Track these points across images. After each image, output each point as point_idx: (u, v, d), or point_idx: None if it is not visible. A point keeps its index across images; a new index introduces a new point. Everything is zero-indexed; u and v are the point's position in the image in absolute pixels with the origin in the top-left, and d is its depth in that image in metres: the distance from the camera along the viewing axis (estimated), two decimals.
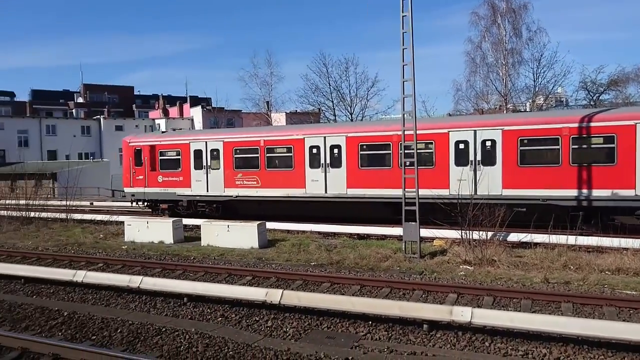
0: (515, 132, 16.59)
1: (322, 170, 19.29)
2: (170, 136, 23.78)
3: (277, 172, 20.24)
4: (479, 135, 16.98)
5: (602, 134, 15.43)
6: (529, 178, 16.33)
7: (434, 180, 17.00)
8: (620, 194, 15.11)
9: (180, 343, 7.86)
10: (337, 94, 43.63)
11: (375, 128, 19.51)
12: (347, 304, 8.64)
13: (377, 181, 18.42)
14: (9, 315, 9.65)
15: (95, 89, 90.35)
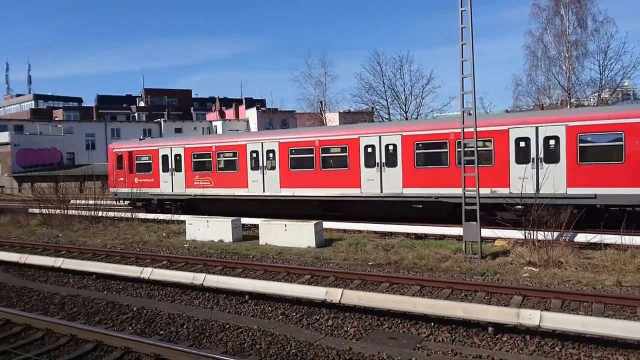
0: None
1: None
2: (145, 143, 26.63)
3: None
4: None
5: (481, 138, 15.61)
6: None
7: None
8: (498, 192, 16.52)
9: (244, 340, 8.03)
10: (391, 92, 43.21)
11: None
12: (408, 305, 8.52)
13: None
14: (83, 309, 10.19)
15: (155, 93, 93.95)
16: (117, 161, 26.73)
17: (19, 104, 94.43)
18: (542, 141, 16.54)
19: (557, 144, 16.38)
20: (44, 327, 8.67)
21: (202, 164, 23.67)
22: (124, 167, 26.24)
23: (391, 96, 43.23)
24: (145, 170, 25.47)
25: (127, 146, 26.87)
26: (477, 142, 13.43)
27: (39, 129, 59.53)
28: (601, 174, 15.62)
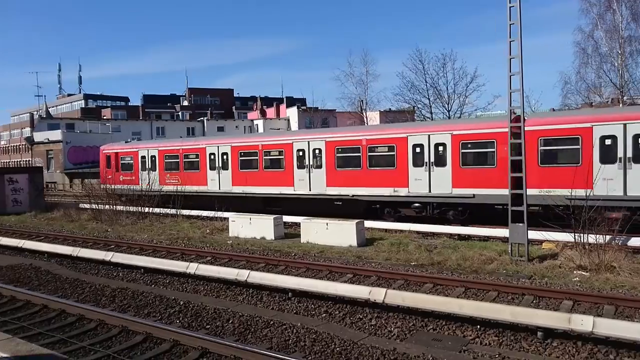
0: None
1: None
2: (128, 145, 31.04)
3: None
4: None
5: (385, 144, 19.85)
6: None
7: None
8: (400, 191, 19.23)
9: (288, 337, 8.10)
10: (433, 91, 42.68)
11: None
12: (454, 306, 8.40)
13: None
14: (132, 302, 10.52)
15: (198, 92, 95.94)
16: (106, 161, 31.02)
17: (70, 104, 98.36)
18: (433, 147, 18.77)
19: (444, 150, 18.51)
20: (97, 318, 9.01)
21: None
22: (112, 166, 30.44)
23: (433, 95, 42.71)
24: (128, 169, 29.58)
25: (115, 148, 31.49)
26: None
27: (89, 127, 61.91)
28: (478, 176, 17.71)
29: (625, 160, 15.41)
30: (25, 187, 29.12)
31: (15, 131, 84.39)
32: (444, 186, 18.44)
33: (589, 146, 15.85)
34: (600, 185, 14.95)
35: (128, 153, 30.17)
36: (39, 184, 30.33)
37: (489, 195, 17.27)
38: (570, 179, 14.78)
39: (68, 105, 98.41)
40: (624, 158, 15.41)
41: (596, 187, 14.65)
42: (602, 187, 14.92)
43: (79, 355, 7.53)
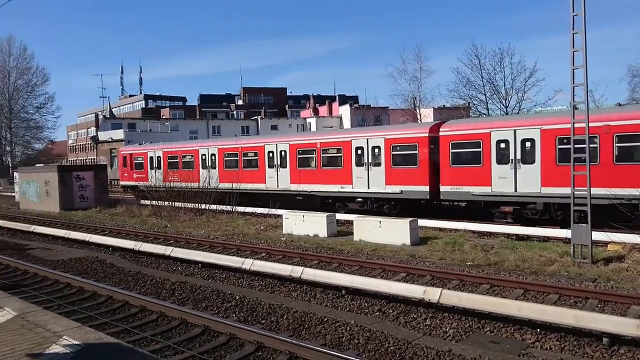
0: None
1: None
2: (141, 147, 35.46)
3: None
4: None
5: (334, 146, 23.03)
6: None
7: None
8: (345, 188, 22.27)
9: (341, 334, 8.13)
10: (490, 86, 41.55)
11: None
12: (512, 308, 8.15)
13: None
14: (191, 296, 10.87)
15: (252, 92, 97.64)
16: (123, 161, 35.98)
17: (132, 104, 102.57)
18: (370, 150, 21.60)
19: (379, 152, 21.41)
20: (158, 310, 9.37)
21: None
22: (128, 166, 35.17)
23: (490, 90, 41.55)
24: (139, 168, 34.19)
25: (130, 149, 36.46)
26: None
27: (149, 126, 64.43)
28: (405, 175, 20.40)
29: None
30: (91, 184, 30.68)
31: (82, 131, 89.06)
32: (379, 184, 21.13)
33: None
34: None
35: (140, 154, 34.84)
36: (104, 181, 31.87)
37: (413, 192, 20.24)
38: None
39: (130, 105, 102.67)
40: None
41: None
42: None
43: (142, 345, 7.85)
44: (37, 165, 45.87)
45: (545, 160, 16.95)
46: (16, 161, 73.77)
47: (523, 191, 17.31)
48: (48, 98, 76.90)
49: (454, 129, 19.60)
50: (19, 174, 36.28)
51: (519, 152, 17.55)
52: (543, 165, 17.01)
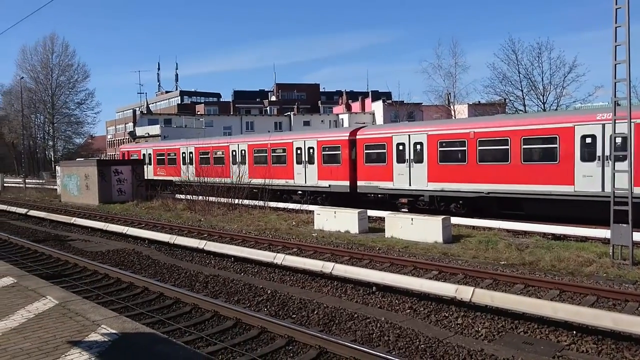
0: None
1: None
2: (137, 145, 40.56)
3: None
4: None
5: (280, 147, 27.16)
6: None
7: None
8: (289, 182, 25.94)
9: (372, 330, 8.13)
10: (527, 82, 40.58)
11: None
12: (547, 309, 7.97)
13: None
14: (224, 289, 11.06)
15: (285, 88, 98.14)
16: (123, 157, 41.57)
17: (168, 100, 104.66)
18: (307, 150, 25.42)
19: (313, 152, 25.30)
20: (192, 302, 9.57)
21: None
22: None
23: (527, 86, 40.59)
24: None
25: (127, 148, 43.43)
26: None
27: (184, 122, 65.60)
28: (333, 172, 24.18)
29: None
30: (129, 178, 31.49)
31: (120, 126, 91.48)
32: (313, 179, 24.96)
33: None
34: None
35: (134, 151, 40.25)
36: (140, 175, 32.65)
37: (338, 186, 24.00)
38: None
39: (166, 101, 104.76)
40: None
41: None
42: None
43: (176, 335, 8.04)
44: (78, 160, 47.39)
45: (430, 161, 20.72)
46: (58, 155, 76.35)
47: (416, 186, 21.24)
48: (88, 94, 79.27)
49: (367, 134, 23.70)
50: (61, 167, 37.54)
51: (412, 154, 21.37)
52: (429, 165, 20.76)
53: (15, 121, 70.86)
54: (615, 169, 12.47)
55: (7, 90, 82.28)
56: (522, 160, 18.33)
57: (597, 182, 16.64)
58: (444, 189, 20.22)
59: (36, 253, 15.45)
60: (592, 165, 16.81)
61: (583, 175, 16.99)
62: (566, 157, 17.34)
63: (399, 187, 21.72)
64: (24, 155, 63.76)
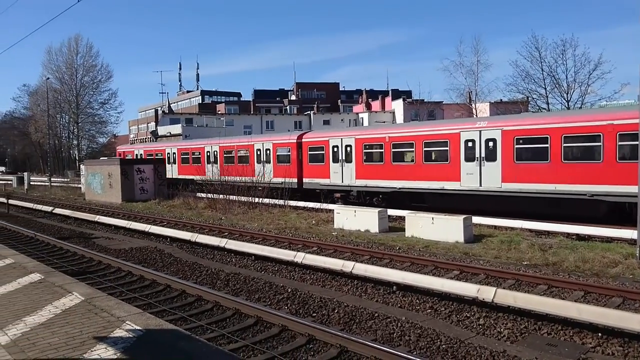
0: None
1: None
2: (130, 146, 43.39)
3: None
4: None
5: (244, 148, 31.19)
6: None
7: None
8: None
9: (392, 330, 8.11)
10: (551, 80, 39.89)
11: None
12: (572, 311, 7.84)
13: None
14: (244, 287, 11.14)
15: (305, 87, 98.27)
16: (119, 157, 43.13)
17: (189, 99, 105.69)
18: (265, 151, 29.55)
19: (270, 153, 29.14)
20: (213, 300, 9.67)
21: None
22: None
23: (551, 84, 39.91)
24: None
25: (123, 148, 47.31)
26: None
27: (205, 121, 66.22)
28: (286, 170, 26.73)
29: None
30: (151, 176, 31.92)
31: (142, 125, 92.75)
32: (270, 176, 27.67)
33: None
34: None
35: (129, 152, 43.87)
36: (162, 173, 33.07)
37: (289, 182, 25.51)
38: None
39: (187, 101, 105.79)
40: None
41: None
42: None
43: (198, 332, 8.14)
44: (101, 159, 48.22)
45: (357, 161, 24.01)
46: (82, 154, 77.79)
47: (346, 183, 24.41)
48: (111, 94, 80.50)
49: (310, 137, 27.36)
50: (85, 166, 38.25)
51: (343, 155, 24.65)
52: (357, 164, 24.01)
53: (41, 121, 72.41)
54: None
55: (33, 90, 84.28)
56: (423, 160, 21.54)
57: (477, 179, 19.65)
58: (368, 185, 23.69)
59: (62, 250, 15.78)
60: (473, 165, 19.72)
61: (467, 173, 19.91)
62: (455, 159, 20.30)
63: (335, 183, 25.01)
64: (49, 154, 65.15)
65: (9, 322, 6.82)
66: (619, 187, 16.12)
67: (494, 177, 19.25)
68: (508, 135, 18.86)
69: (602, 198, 16.66)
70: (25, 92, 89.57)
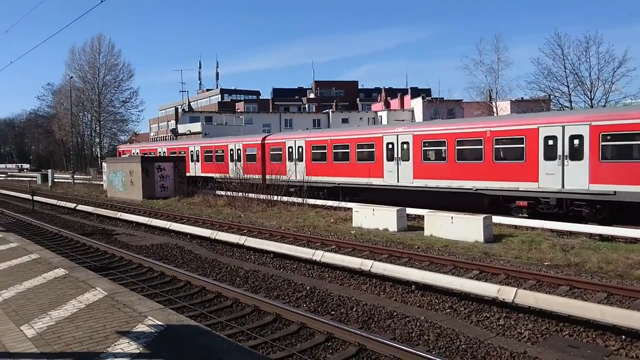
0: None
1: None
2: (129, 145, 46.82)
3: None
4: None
5: (219, 148, 35.54)
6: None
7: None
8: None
9: (411, 329, 8.09)
10: (573, 77, 39.20)
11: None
12: (594, 312, 7.73)
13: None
14: (263, 284, 11.22)
15: (324, 85, 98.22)
16: (118, 155, 47.96)
17: (208, 98, 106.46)
18: (236, 151, 33.33)
19: (240, 153, 32.94)
20: (232, 297, 9.76)
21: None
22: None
23: (573, 82, 39.23)
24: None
25: (122, 147, 52.26)
26: None
27: (224, 119, 66.63)
28: (251, 168, 28.95)
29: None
30: (171, 174, 32.29)
31: (163, 124, 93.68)
32: (239, 173, 28.48)
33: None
34: None
35: (126, 151, 47.38)
36: (182, 171, 33.42)
37: (254, 179, 27.47)
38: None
39: (206, 99, 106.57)
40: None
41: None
42: None
43: (217, 329, 8.23)
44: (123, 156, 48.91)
45: (307, 160, 27.66)
46: (104, 152, 79.04)
47: (299, 179, 27.28)
48: (133, 93, 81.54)
49: (271, 139, 31.29)
50: (107, 164, 38.84)
51: (296, 155, 28.43)
52: (306, 162, 27.65)
53: (65, 119, 73.71)
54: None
55: (57, 89, 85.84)
56: (357, 160, 24.95)
57: (395, 176, 22.96)
58: (315, 181, 26.76)
59: (85, 246, 16.08)
60: (393, 164, 23.10)
61: (388, 171, 23.23)
62: (379, 158, 23.80)
63: (291, 179, 27.58)
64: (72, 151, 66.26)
65: (35, 315, 6.99)
66: (496, 183, 19.34)
67: (407, 174, 22.61)
68: (417, 139, 22.34)
69: (483, 192, 19.85)
70: (50, 90, 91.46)
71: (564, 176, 17.45)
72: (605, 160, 16.67)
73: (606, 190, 16.55)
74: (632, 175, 16.10)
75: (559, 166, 17.58)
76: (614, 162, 16.57)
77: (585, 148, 17.01)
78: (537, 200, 18.45)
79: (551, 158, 17.82)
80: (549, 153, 17.84)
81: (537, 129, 18.10)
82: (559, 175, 17.61)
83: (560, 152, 17.58)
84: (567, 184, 17.39)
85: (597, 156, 16.79)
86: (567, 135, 17.38)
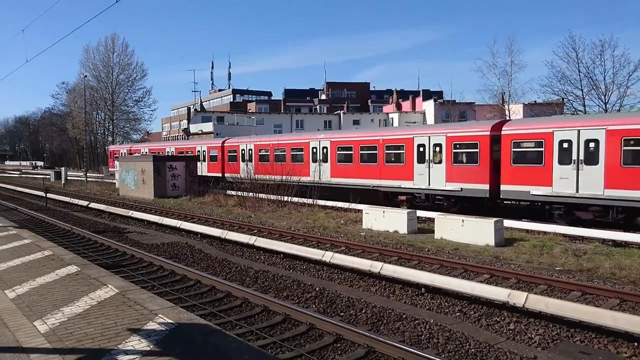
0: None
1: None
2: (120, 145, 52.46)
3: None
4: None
5: (214, 150, 38.24)
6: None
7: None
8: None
9: (420, 332, 8.06)
10: (588, 81, 38.85)
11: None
12: (607, 319, 7.65)
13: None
14: (273, 284, 11.25)
15: (335, 86, 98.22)
16: (110, 156, 54.19)
17: (220, 98, 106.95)
18: (213, 152, 37.65)
19: (223, 154, 36.59)
20: (242, 297, 9.80)
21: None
22: (111, 159, 52.74)
23: (588, 85, 38.87)
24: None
25: (114, 147, 57.15)
26: None
27: (236, 120, 66.93)
28: (214, 167, 35.39)
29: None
30: (182, 173, 32.48)
31: (175, 123, 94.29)
32: (220, 172, 35.09)
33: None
34: None
35: (117, 151, 53.25)
36: (194, 171, 33.60)
37: (214, 177, 34.24)
38: None
39: (219, 99, 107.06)
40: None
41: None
42: None
43: (227, 328, 8.27)
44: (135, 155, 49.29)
45: (255, 160, 31.98)
46: None
47: (244, 176, 28.44)
48: (146, 92, 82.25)
49: (228, 143, 36.42)
50: (119, 162, 39.15)
51: (246, 156, 33.18)
52: (255, 162, 31.69)
53: (78, 117, 74.50)
54: None
55: (71, 88, 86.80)
56: (291, 161, 29.37)
57: (319, 175, 27.42)
58: (263, 178, 28.06)
59: (97, 243, 16.24)
60: (316, 165, 27.90)
61: (313, 171, 27.92)
62: (307, 160, 28.58)
63: (243, 177, 29.19)
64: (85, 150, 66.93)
65: (47, 311, 7.07)
66: (386, 181, 24.09)
67: (326, 173, 27.46)
68: (333, 145, 27.38)
69: (378, 188, 24.54)
70: (64, 89, 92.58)
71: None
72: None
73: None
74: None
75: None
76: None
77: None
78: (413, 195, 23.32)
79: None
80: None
81: (412, 139, 23.20)
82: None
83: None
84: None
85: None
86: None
